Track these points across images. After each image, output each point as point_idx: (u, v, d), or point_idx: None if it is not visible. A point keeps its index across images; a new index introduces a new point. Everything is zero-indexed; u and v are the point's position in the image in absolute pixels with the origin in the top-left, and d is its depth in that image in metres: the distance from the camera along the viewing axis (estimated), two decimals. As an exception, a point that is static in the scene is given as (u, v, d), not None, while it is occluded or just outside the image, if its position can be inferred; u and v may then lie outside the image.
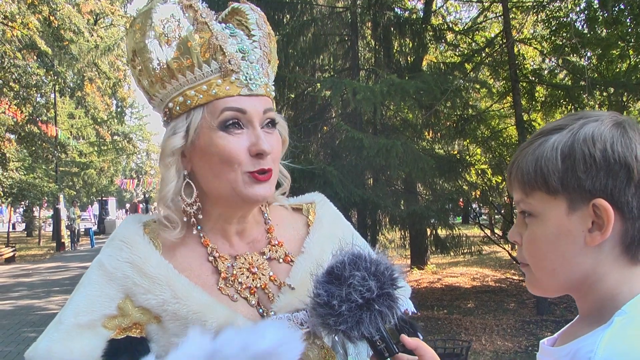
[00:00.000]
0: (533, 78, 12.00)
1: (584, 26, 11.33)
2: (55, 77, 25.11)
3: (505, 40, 10.86)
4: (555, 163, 1.08)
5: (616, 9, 10.27)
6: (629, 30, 10.66)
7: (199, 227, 1.56)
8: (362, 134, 9.22)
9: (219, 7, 1.64)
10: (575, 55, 11.41)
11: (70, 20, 22.44)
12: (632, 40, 10.58)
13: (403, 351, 1.37)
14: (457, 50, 13.60)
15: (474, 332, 9.26)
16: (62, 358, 1.40)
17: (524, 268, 1.20)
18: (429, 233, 12.05)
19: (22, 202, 29.47)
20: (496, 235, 13.31)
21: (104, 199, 42.76)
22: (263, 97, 1.51)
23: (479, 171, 12.48)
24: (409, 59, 12.71)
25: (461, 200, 11.80)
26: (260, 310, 1.51)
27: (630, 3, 9.91)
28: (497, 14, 13.18)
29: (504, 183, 11.81)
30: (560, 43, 11.38)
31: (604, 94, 11.40)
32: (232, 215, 1.56)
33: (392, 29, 12.16)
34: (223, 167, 1.46)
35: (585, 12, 11.25)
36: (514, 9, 12.28)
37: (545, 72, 13.17)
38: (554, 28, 11.52)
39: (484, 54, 12.10)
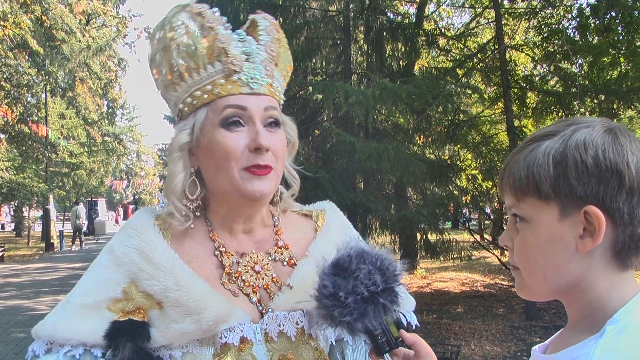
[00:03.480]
0: (524, 84, 12.03)
1: (576, 33, 11.38)
2: (47, 77, 24.98)
3: (497, 47, 10.90)
4: (547, 169, 1.08)
5: (608, 16, 10.33)
6: (620, 38, 10.72)
7: (208, 223, 1.63)
8: (353, 137, 9.22)
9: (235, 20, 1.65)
10: (566, 62, 11.46)
11: (63, 20, 22.36)
12: (623, 48, 10.64)
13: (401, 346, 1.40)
14: (449, 55, 13.63)
15: (463, 337, 9.27)
16: (66, 336, 1.46)
17: (514, 272, 1.20)
18: (419, 237, 12.07)
19: (12, 202, 29.32)
20: (486, 241, 13.34)
21: (93, 199, 42.59)
22: (265, 96, 1.56)
23: (470, 176, 12.50)
24: (401, 63, 12.73)
25: (451, 205, 11.82)
26: (260, 308, 1.55)
27: (622, 11, 9.96)
28: (490, 20, 13.22)
29: (494, 188, 11.85)
30: (552, 50, 11.44)
31: (595, 101, 11.44)
32: (238, 214, 1.61)
33: (384, 33, 12.16)
34: (222, 163, 1.51)
35: (577, 19, 11.30)
36: (506, 15, 12.34)
37: (537, 78, 13.21)
38: (545, 35, 11.57)
39: (475, 60, 12.15)
